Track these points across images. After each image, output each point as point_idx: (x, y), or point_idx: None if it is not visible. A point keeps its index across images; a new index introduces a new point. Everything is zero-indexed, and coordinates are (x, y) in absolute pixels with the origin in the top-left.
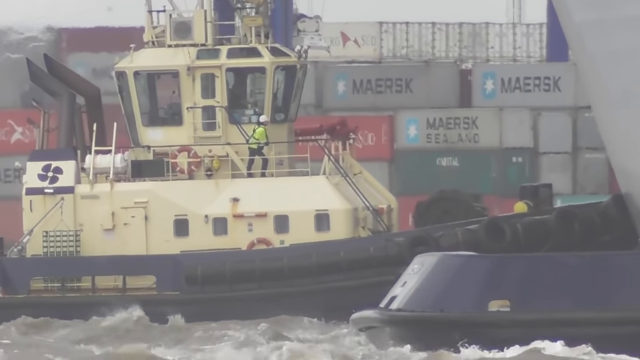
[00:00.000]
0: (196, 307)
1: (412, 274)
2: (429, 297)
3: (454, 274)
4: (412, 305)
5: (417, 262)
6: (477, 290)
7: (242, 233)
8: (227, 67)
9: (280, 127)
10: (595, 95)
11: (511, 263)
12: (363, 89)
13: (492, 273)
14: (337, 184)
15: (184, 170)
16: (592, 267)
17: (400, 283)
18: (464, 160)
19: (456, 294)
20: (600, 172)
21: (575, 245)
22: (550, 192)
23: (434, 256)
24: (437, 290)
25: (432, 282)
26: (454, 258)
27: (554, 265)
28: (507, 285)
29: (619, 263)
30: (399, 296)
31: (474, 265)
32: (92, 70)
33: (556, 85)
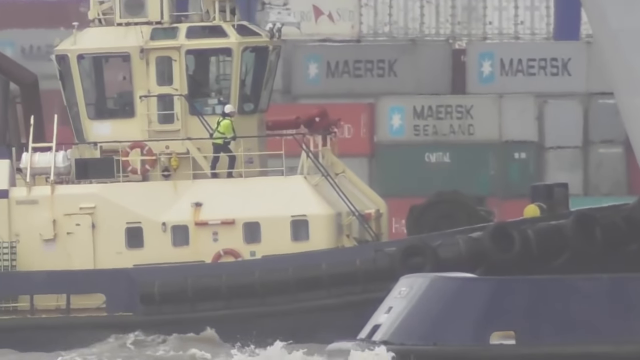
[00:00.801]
0: (152, 330)
1: (398, 298)
2: (420, 328)
3: (448, 300)
4: (400, 337)
5: (404, 285)
6: (477, 320)
7: (206, 243)
8: (187, 49)
9: (250, 119)
10: (619, 80)
11: (516, 287)
12: (339, 72)
13: (493, 299)
14: (317, 185)
15: (137, 170)
16: (610, 293)
17: (384, 309)
18: (457, 156)
19: (452, 323)
20: (616, 169)
21: (596, 255)
22: (566, 193)
23: (424, 278)
24: (430, 319)
25: (423, 309)
26: (448, 281)
27: (565, 289)
28: (511, 314)
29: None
30: (384, 325)
31: (472, 290)
32: (21, 50)
33: (565, 68)
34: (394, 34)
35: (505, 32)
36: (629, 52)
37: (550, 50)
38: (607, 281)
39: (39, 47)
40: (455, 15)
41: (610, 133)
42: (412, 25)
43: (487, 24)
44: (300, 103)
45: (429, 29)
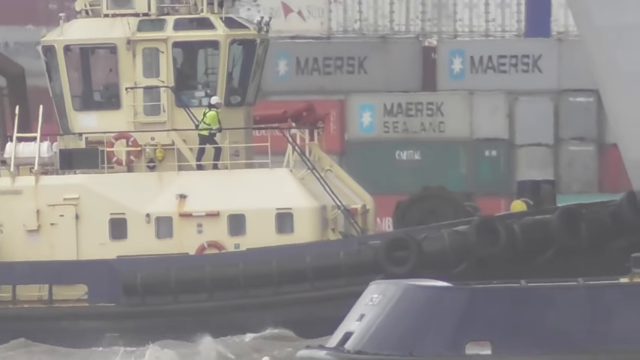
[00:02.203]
0: (135, 322)
1: (370, 305)
2: (395, 337)
3: (423, 308)
4: (375, 347)
5: (375, 291)
6: (452, 330)
7: (190, 235)
8: (174, 41)
9: (236, 112)
10: (603, 76)
11: (491, 296)
12: (308, 69)
13: (468, 308)
14: (303, 178)
15: (122, 161)
16: (587, 301)
17: (354, 315)
18: (427, 153)
19: (427, 333)
20: (587, 167)
21: (582, 251)
22: (553, 189)
23: (397, 286)
24: (404, 328)
25: (396, 318)
26: (422, 289)
27: (542, 298)
28: (487, 323)
29: (619, 294)
30: (356, 333)
31: (446, 298)
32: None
33: (536, 65)
34: (363, 30)
35: (475, 29)
36: (613, 48)
37: (521, 48)
38: (583, 289)
39: (6, 43)
40: (426, 12)
41: (582, 131)
42: (382, 22)
43: (457, 21)
44: (270, 100)
45: (399, 26)
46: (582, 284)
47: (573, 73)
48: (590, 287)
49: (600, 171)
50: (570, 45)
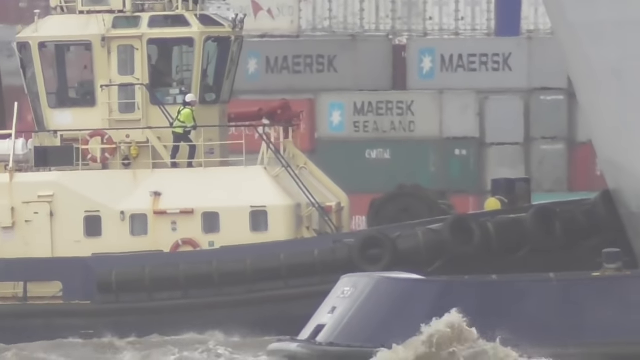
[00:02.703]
0: (110, 319)
1: (342, 298)
2: (367, 329)
3: (395, 301)
4: (347, 339)
5: (347, 284)
6: (423, 322)
7: (164, 233)
8: (149, 38)
9: (211, 110)
10: (577, 73)
11: (463, 288)
12: (278, 68)
13: (440, 300)
14: (277, 176)
15: (97, 159)
16: (558, 294)
17: (326, 308)
18: (397, 152)
19: (399, 325)
20: (558, 166)
21: (556, 249)
22: (528, 187)
23: (369, 278)
24: (376, 321)
25: (368, 310)
26: (394, 282)
27: (513, 291)
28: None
29: (592, 288)
30: (328, 326)
31: (419, 291)
32: None
33: (506, 64)
34: (333, 29)
35: (445, 27)
36: (587, 45)
37: (491, 46)
38: (555, 282)
39: None
40: (396, 11)
41: (552, 129)
42: (351, 21)
43: (427, 20)
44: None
45: (369, 25)
46: (553, 277)
47: (543, 71)
48: (561, 280)
49: (571, 169)
50: (541, 44)
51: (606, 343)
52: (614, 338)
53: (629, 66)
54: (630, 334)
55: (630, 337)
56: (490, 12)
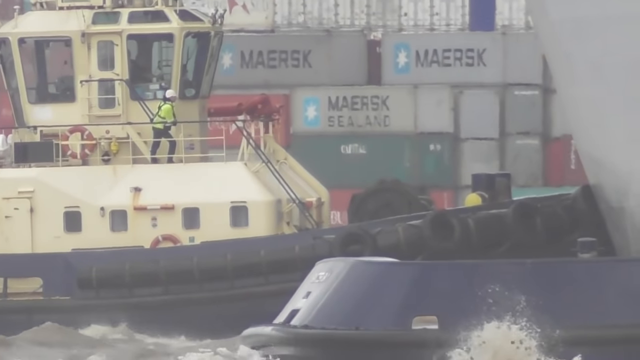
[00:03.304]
0: (90, 315)
1: (317, 282)
2: (342, 312)
3: (370, 284)
4: (321, 322)
5: (322, 269)
6: (399, 304)
7: (144, 228)
8: (129, 34)
9: (191, 105)
10: (559, 70)
11: (439, 271)
12: (253, 62)
13: (416, 283)
14: (258, 171)
15: (77, 155)
16: (534, 277)
17: (301, 294)
18: (372, 147)
19: (374, 308)
20: (533, 161)
21: (537, 245)
22: (508, 182)
23: (344, 262)
24: (351, 303)
25: (344, 293)
26: (369, 265)
27: (489, 274)
28: (434, 299)
29: (567, 272)
30: (303, 310)
31: (394, 274)
32: None
33: (480, 59)
34: (308, 24)
35: (420, 23)
36: (568, 41)
37: (466, 41)
38: (530, 266)
39: None
40: (370, 6)
41: (527, 125)
42: (326, 16)
43: (402, 15)
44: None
45: (343, 20)
46: (529, 261)
47: (518, 67)
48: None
49: (545, 165)
50: (515, 39)
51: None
52: (589, 321)
53: (609, 62)
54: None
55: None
56: (465, 7)
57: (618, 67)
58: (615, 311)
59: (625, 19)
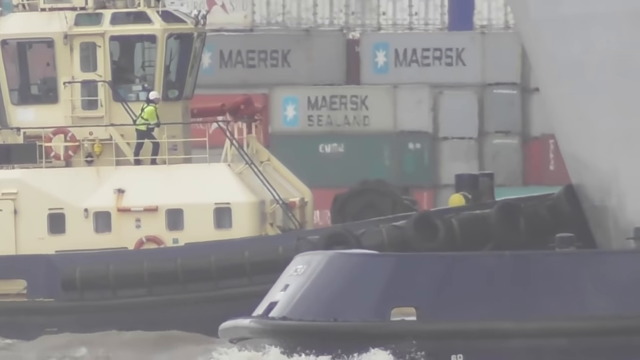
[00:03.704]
0: (74, 317)
1: (295, 275)
2: (320, 304)
3: (349, 276)
4: (300, 313)
5: (300, 262)
6: (377, 296)
7: (128, 230)
8: (111, 35)
9: (174, 106)
10: (541, 69)
11: (417, 263)
12: (232, 62)
13: (394, 275)
14: (241, 172)
15: (60, 156)
16: (512, 269)
17: (279, 287)
18: (351, 147)
19: (352, 300)
20: (511, 160)
21: (521, 244)
22: (491, 182)
23: (323, 255)
24: (329, 295)
25: (322, 285)
26: (348, 257)
27: (467, 266)
28: (412, 290)
29: (545, 264)
30: (281, 302)
31: (373, 266)
32: None
33: (460, 58)
34: (287, 23)
35: (399, 22)
36: (550, 40)
37: (445, 41)
38: (509, 258)
39: None
40: (349, 6)
41: (506, 124)
42: (305, 15)
43: (381, 15)
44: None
45: (322, 19)
46: (507, 252)
47: (497, 66)
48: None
49: (525, 164)
50: (494, 39)
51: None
52: (567, 313)
53: (591, 61)
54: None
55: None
56: (444, 6)
57: (600, 65)
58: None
59: (606, 17)
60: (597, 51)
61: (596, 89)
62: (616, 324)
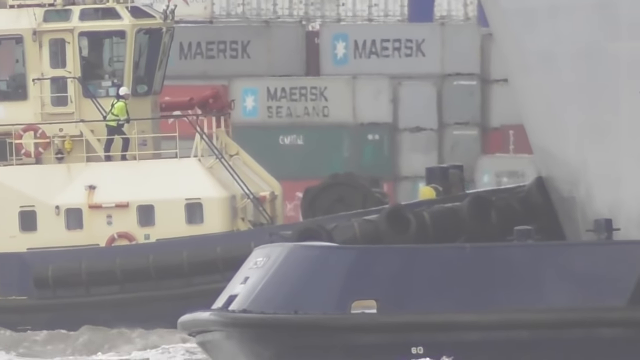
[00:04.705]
0: (47, 315)
1: (255, 268)
2: (280, 296)
3: (309, 268)
4: (260, 306)
5: (260, 255)
6: (338, 289)
7: (100, 227)
8: (80, 31)
9: (143, 101)
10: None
11: (378, 256)
12: (192, 53)
13: (355, 268)
14: (211, 167)
15: (30, 153)
16: (473, 262)
17: (239, 279)
18: (311, 138)
19: (313, 292)
20: (471, 151)
21: (493, 237)
22: (461, 174)
23: (282, 247)
24: (290, 287)
25: (282, 278)
26: (308, 249)
27: (428, 259)
28: (373, 283)
29: (505, 256)
30: (241, 295)
31: (333, 258)
32: None
33: (419, 49)
34: (247, 15)
35: (359, 14)
36: (520, 31)
37: (404, 32)
38: (469, 250)
39: None
40: None
41: (465, 115)
42: (265, 7)
43: (340, 6)
44: None
45: (282, 10)
46: (468, 245)
47: (456, 57)
48: (476, 248)
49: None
50: (454, 30)
51: (519, 309)
52: (527, 305)
53: (559, 51)
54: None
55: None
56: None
57: (568, 56)
58: (552, 295)
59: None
60: (565, 42)
61: (564, 80)
62: (576, 316)
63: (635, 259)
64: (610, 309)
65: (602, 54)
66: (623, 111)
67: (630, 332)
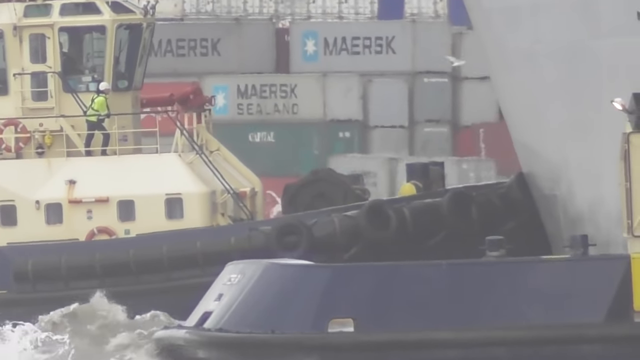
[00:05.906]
0: (27, 309)
1: (229, 285)
2: (257, 315)
3: (285, 287)
4: (236, 325)
5: (234, 271)
6: (314, 307)
7: (80, 221)
8: (61, 26)
9: (124, 97)
10: (493, 58)
11: (355, 274)
12: (162, 51)
13: (332, 286)
14: (191, 162)
15: (11, 148)
16: (449, 279)
17: (212, 296)
18: (281, 135)
19: (289, 311)
20: (442, 149)
21: (473, 233)
22: (442, 171)
23: (258, 265)
24: (266, 306)
25: (258, 296)
26: (284, 268)
27: (405, 276)
28: (350, 301)
29: (481, 273)
30: (216, 313)
31: (309, 277)
32: None
33: (389, 47)
34: (217, 12)
35: (329, 11)
36: (501, 29)
37: (375, 29)
38: (446, 267)
39: None
40: None
41: (436, 113)
42: (235, 4)
43: (310, 3)
44: None
45: (252, 8)
46: (444, 262)
47: (427, 55)
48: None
49: (455, 153)
50: (424, 27)
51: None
52: (504, 322)
53: (541, 49)
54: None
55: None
56: None
57: (549, 54)
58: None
59: (555, 6)
60: (546, 41)
61: (546, 78)
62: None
63: (611, 274)
64: (587, 326)
65: (583, 52)
66: (604, 109)
67: (608, 349)
